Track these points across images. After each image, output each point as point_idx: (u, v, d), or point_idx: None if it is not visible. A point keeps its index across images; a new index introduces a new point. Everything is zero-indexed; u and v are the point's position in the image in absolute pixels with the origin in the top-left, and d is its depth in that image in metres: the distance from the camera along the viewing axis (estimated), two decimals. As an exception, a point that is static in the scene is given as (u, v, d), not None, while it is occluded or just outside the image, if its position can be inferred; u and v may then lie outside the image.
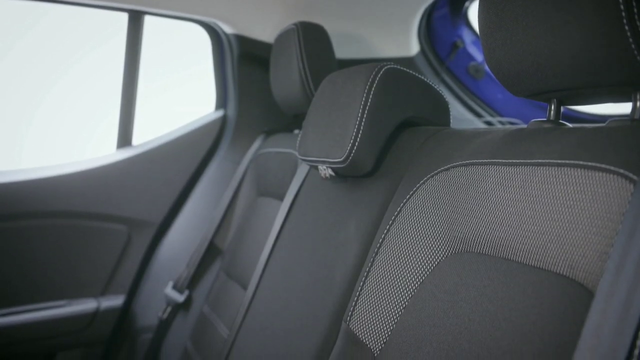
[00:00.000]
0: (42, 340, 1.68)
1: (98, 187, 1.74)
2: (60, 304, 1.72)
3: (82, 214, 1.72)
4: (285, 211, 1.27)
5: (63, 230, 1.71)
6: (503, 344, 0.62)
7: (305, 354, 0.97)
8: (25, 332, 1.64)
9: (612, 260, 0.53)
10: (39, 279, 1.70)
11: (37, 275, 1.69)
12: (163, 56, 1.99)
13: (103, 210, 1.75)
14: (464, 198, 0.77)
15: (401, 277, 0.83)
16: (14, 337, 1.63)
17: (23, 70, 1.89)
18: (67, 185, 1.69)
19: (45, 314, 1.67)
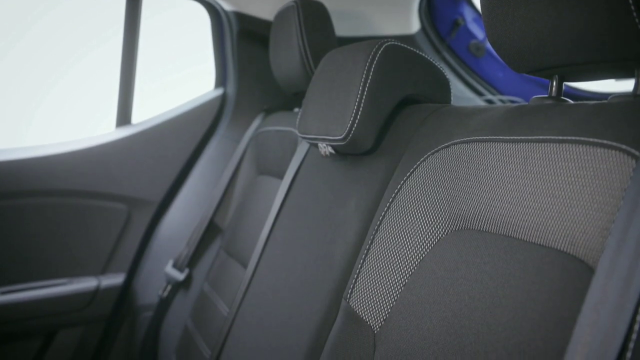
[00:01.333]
0: (43, 318, 1.68)
1: (97, 165, 1.73)
2: (61, 283, 1.72)
3: (82, 192, 1.72)
4: (285, 189, 1.26)
5: (63, 208, 1.71)
6: (503, 320, 0.62)
7: (305, 331, 0.97)
8: (26, 310, 1.65)
9: (613, 236, 0.52)
10: (39, 257, 1.70)
11: (37, 254, 1.69)
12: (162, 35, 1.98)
13: (102, 189, 1.75)
14: (465, 175, 0.77)
15: (401, 255, 0.83)
16: (14, 315, 1.63)
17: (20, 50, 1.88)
18: (67, 164, 1.69)
19: (45, 292, 1.67)
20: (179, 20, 2.05)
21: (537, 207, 0.64)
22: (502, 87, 1.95)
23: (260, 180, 1.54)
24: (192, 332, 1.45)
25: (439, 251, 0.77)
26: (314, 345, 0.94)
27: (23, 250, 1.67)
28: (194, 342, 1.40)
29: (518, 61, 0.74)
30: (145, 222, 1.86)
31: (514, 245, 0.66)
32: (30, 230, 1.67)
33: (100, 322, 1.79)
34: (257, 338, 1.11)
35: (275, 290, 1.13)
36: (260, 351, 1.07)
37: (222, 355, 1.21)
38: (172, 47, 2.09)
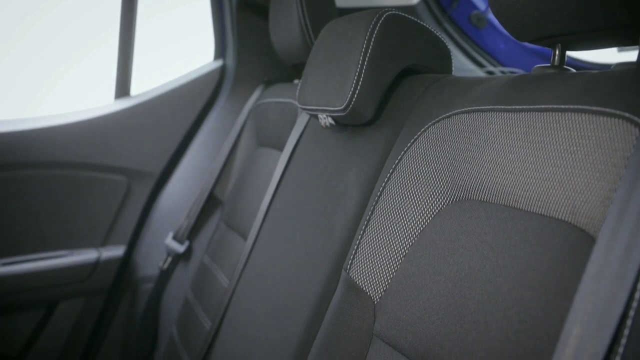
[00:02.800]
0: (43, 289, 1.69)
1: (96, 137, 1.73)
2: (62, 254, 1.73)
3: (81, 164, 1.72)
4: (285, 161, 1.26)
5: (62, 180, 1.70)
6: (503, 289, 0.62)
7: (305, 302, 0.97)
8: (27, 281, 1.65)
9: (614, 205, 0.52)
10: (39, 229, 1.70)
11: (37, 226, 1.70)
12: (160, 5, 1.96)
13: (102, 161, 1.75)
14: (466, 145, 0.77)
15: (401, 226, 0.83)
16: (16, 286, 1.64)
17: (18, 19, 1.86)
18: (66, 136, 1.68)
19: (46, 264, 1.68)
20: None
21: (538, 177, 0.64)
22: (503, 59, 1.94)
23: (260, 152, 1.54)
24: (193, 303, 1.45)
25: (440, 222, 0.77)
26: (314, 316, 0.95)
27: (23, 222, 1.68)
28: (195, 314, 1.41)
29: (520, 30, 0.73)
30: (145, 194, 1.86)
31: (514, 215, 0.66)
32: (30, 202, 1.67)
33: (101, 293, 1.80)
34: (257, 309, 1.11)
35: (275, 261, 1.13)
36: (261, 322, 1.08)
37: (223, 326, 1.22)
38: (171, 17, 2.07)
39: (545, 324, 0.56)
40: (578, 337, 0.49)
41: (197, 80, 1.89)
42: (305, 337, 0.95)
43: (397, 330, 0.77)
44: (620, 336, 0.48)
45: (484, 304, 0.64)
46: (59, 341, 1.75)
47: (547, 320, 0.56)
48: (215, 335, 1.22)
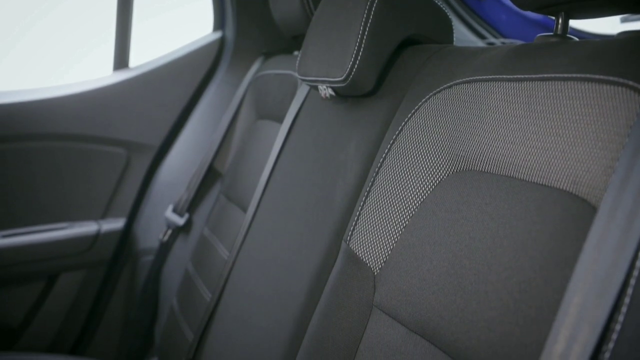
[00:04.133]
0: (44, 261, 1.69)
1: (95, 109, 1.72)
2: (62, 227, 1.73)
3: (80, 136, 1.71)
4: (284, 133, 1.25)
5: (60, 153, 1.70)
6: (504, 260, 0.62)
7: (306, 273, 0.97)
8: (27, 253, 1.66)
9: (617, 174, 0.52)
10: (39, 201, 1.70)
11: (36, 198, 1.69)
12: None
13: (101, 133, 1.74)
14: (467, 116, 0.76)
15: (402, 197, 0.83)
16: (16, 258, 1.64)
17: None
18: (64, 108, 1.68)
19: (46, 236, 1.68)
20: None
21: (540, 147, 0.64)
22: (505, 31, 1.92)
23: (259, 124, 1.53)
24: (193, 275, 1.46)
25: (440, 193, 0.77)
26: (314, 287, 0.95)
27: (23, 194, 1.68)
28: (195, 286, 1.42)
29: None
30: (144, 166, 1.85)
31: (515, 185, 0.65)
32: (29, 174, 1.67)
33: (101, 265, 1.81)
34: (258, 280, 1.11)
35: (275, 233, 1.13)
36: (261, 293, 1.08)
37: (223, 298, 1.22)
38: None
39: (546, 294, 0.56)
40: (578, 306, 0.49)
41: (196, 52, 1.88)
42: (305, 308, 0.95)
43: (397, 301, 0.77)
44: (620, 304, 0.48)
45: (484, 274, 0.64)
46: (60, 313, 1.76)
47: (547, 289, 0.56)
48: (216, 307, 1.23)
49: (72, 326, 1.80)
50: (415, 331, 0.72)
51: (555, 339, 0.50)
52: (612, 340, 0.48)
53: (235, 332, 1.12)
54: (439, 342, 0.68)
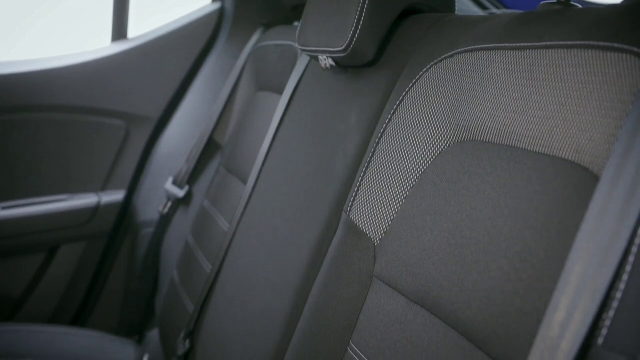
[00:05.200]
0: (44, 232, 1.70)
1: (93, 80, 1.71)
2: (61, 198, 1.73)
3: (78, 108, 1.70)
4: (284, 104, 1.24)
5: (58, 124, 1.69)
6: (504, 230, 0.62)
7: (306, 244, 0.97)
8: (27, 224, 1.66)
9: (620, 142, 0.51)
10: (39, 173, 1.70)
11: (36, 169, 1.69)
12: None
13: (99, 105, 1.73)
14: (468, 85, 0.75)
15: (402, 167, 0.82)
16: (16, 229, 1.65)
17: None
18: (62, 79, 1.67)
19: (46, 208, 1.69)
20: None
21: (542, 116, 0.63)
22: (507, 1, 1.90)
23: (259, 96, 1.52)
24: (193, 247, 1.46)
25: (441, 163, 0.76)
26: (314, 257, 0.95)
27: (22, 165, 1.67)
28: (195, 257, 1.42)
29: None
30: (144, 138, 1.85)
31: (517, 155, 0.65)
32: (27, 145, 1.66)
33: (101, 237, 1.81)
34: (258, 251, 1.11)
35: (274, 204, 1.12)
36: (261, 264, 1.08)
37: (223, 269, 1.22)
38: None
39: (547, 263, 0.56)
40: (579, 274, 0.49)
41: (195, 23, 1.86)
42: (305, 279, 0.95)
43: (397, 271, 0.77)
44: (621, 272, 0.48)
45: (485, 244, 0.64)
46: (61, 284, 1.77)
47: (548, 259, 0.56)
48: (216, 278, 1.23)
49: (73, 297, 1.81)
50: (415, 301, 0.73)
51: (555, 307, 0.50)
52: (612, 308, 0.48)
53: (235, 303, 1.12)
54: (439, 312, 0.68)
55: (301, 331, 0.90)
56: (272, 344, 0.97)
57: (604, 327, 0.48)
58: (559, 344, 0.48)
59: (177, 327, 1.33)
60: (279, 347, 0.96)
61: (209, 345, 1.17)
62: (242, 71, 1.68)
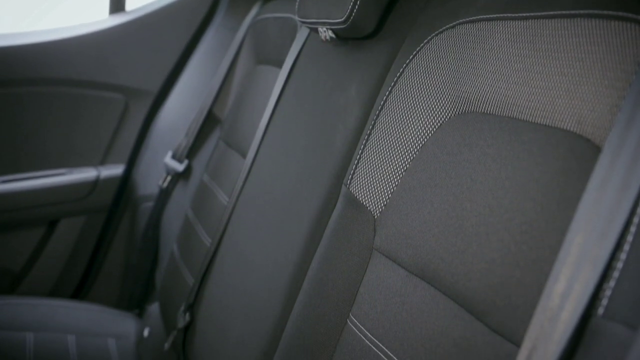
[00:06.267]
0: (44, 206, 1.70)
1: (91, 54, 1.70)
2: (61, 172, 1.73)
3: (77, 81, 1.70)
4: (284, 77, 1.24)
5: (58, 98, 1.69)
6: (505, 202, 0.62)
7: (305, 217, 0.97)
8: (27, 199, 1.66)
9: (622, 113, 0.51)
10: (37, 147, 1.70)
11: (34, 144, 1.69)
12: None
13: (98, 79, 1.72)
14: (470, 56, 0.75)
15: (402, 140, 0.82)
16: (16, 203, 1.65)
17: None
18: (60, 52, 1.66)
19: (46, 182, 1.69)
20: None
21: (544, 87, 0.62)
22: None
23: (259, 69, 1.51)
24: (193, 221, 1.46)
25: (441, 135, 0.76)
26: (314, 231, 0.95)
27: (20, 139, 1.67)
28: (195, 231, 1.42)
29: None
30: (143, 112, 1.84)
31: (518, 126, 0.64)
32: (25, 119, 1.66)
33: (101, 212, 1.81)
34: (258, 225, 1.11)
35: (274, 178, 1.12)
36: (261, 238, 1.08)
37: (222, 243, 1.22)
38: None
39: (547, 235, 0.56)
40: (580, 245, 0.49)
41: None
42: (305, 252, 0.95)
43: (397, 244, 0.77)
44: (623, 243, 0.48)
45: (485, 216, 0.63)
46: (61, 258, 1.78)
47: (549, 230, 0.56)
48: (216, 252, 1.23)
49: (73, 271, 1.82)
50: (415, 273, 0.73)
51: (556, 278, 0.50)
52: (613, 278, 0.48)
53: (235, 277, 1.13)
54: (439, 284, 0.68)
55: (301, 304, 0.91)
56: (272, 316, 0.97)
57: (604, 297, 0.48)
58: (559, 314, 0.48)
59: (177, 301, 1.34)
60: (279, 320, 0.96)
61: (209, 318, 1.18)
62: (241, 44, 1.66)
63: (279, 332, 0.95)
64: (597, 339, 0.47)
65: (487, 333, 0.59)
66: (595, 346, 0.47)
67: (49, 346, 1.38)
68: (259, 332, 0.99)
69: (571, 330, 0.47)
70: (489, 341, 0.59)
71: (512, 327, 0.56)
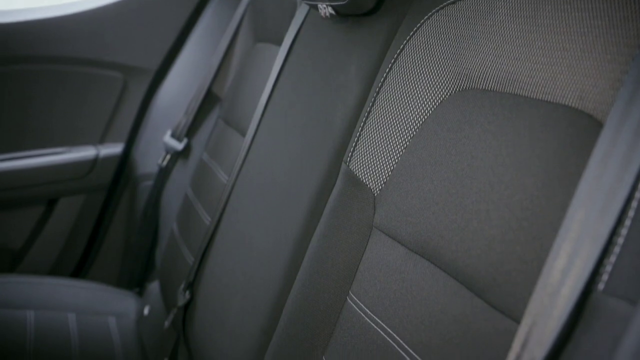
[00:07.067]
0: (43, 185, 1.70)
1: (89, 31, 1.69)
2: (59, 151, 1.72)
3: (74, 59, 1.69)
4: (283, 55, 1.23)
5: (54, 76, 1.68)
6: (506, 178, 0.61)
7: (305, 196, 0.97)
8: (26, 177, 1.66)
9: (625, 88, 0.50)
10: (35, 125, 1.69)
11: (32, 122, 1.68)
12: None
13: (96, 56, 1.71)
14: (471, 32, 0.74)
15: (403, 117, 0.81)
16: (15, 181, 1.65)
17: None
18: (57, 29, 1.64)
19: (44, 160, 1.68)
20: None
21: (546, 62, 0.62)
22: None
23: (258, 47, 1.50)
24: (192, 200, 1.46)
25: (442, 112, 0.75)
26: (314, 208, 0.95)
27: (19, 117, 1.66)
28: (194, 210, 1.42)
29: None
30: (141, 91, 1.83)
31: (520, 102, 0.64)
32: (23, 97, 1.65)
33: (101, 190, 1.81)
34: (257, 204, 1.11)
35: (274, 156, 1.12)
36: (260, 215, 1.08)
37: (222, 221, 1.22)
38: None
39: (548, 211, 0.56)
40: (581, 221, 0.49)
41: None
42: (304, 230, 0.95)
43: (397, 221, 0.76)
44: (624, 218, 0.47)
45: (486, 193, 0.63)
46: (61, 237, 1.78)
47: (550, 207, 0.56)
48: (215, 231, 1.23)
49: (73, 250, 1.82)
50: (415, 251, 0.72)
51: (556, 254, 0.50)
52: (614, 254, 0.47)
53: (235, 255, 1.13)
54: (439, 262, 0.68)
55: (300, 282, 0.91)
56: (272, 294, 0.97)
57: (605, 272, 0.48)
58: (560, 290, 0.48)
59: (177, 279, 1.34)
60: (279, 297, 0.96)
61: (209, 296, 1.18)
62: (240, 22, 1.65)
63: (279, 310, 0.95)
64: (597, 314, 0.47)
65: (487, 310, 0.59)
66: (596, 321, 0.47)
67: (49, 324, 1.38)
68: (258, 310, 0.99)
69: (571, 306, 0.47)
70: (488, 318, 0.59)
71: (512, 304, 0.56)
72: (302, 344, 0.87)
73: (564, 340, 0.48)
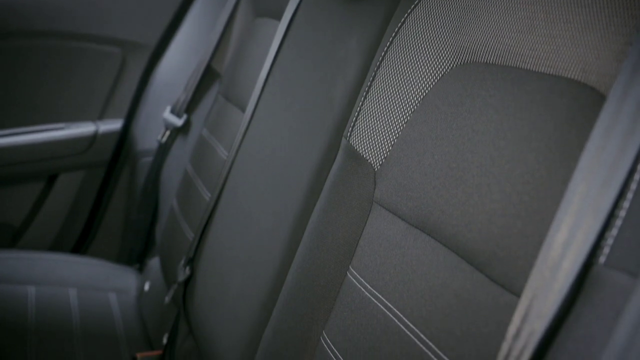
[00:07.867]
0: (43, 161, 1.70)
1: (87, 6, 1.68)
2: (59, 127, 1.72)
3: (72, 34, 1.67)
4: (283, 30, 1.22)
5: (53, 51, 1.67)
6: (507, 152, 0.61)
7: (305, 171, 0.97)
8: (25, 153, 1.66)
9: (629, 60, 0.50)
10: (34, 101, 1.69)
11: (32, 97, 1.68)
12: None
13: (94, 31, 1.70)
14: (472, 5, 0.73)
15: (403, 91, 0.81)
16: (14, 158, 1.65)
17: None
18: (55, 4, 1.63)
19: (44, 136, 1.68)
20: None
21: (548, 35, 0.61)
22: None
23: (258, 22, 1.49)
24: (192, 176, 1.45)
25: (443, 86, 0.75)
26: (314, 184, 0.95)
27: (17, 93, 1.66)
28: (194, 186, 1.42)
29: None
30: (140, 66, 1.82)
31: (522, 76, 0.63)
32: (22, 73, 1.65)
33: (101, 166, 1.81)
34: (257, 178, 1.11)
35: (273, 132, 1.11)
36: (260, 191, 1.08)
37: (222, 197, 1.22)
38: None
39: (549, 185, 0.55)
40: (582, 194, 0.48)
41: None
42: (305, 205, 0.95)
43: (398, 196, 0.76)
44: (626, 191, 0.47)
45: (487, 167, 0.63)
46: (61, 212, 1.78)
47: (551, 180, 0.55)
48: (215, 207, 1.23)
49: (73, 226, 1.82)
50: (416, 225, 0.72)
51: (557, 228, 0.49)
52: (616, 227, 0.47)
53: (234, 230, 1.13)
54: (440, 236, 0.68)
55: (301, 257, 0.91)
56: (272, 269, 0.97)
57: (606, 245, 0.47)
58: (561, 263, 0.48)
59: (177, 255, 1.34)
60: (279, 272, 0.96)
61: (209, 272, 1.18)
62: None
63: (279, 284, 0.95)
64: (598, 287, 0.47)
65: (488, 284, 0.59)
66: (597, 294, 0.47)
67: (50, 299, 1.39)
68: (258, 285, 1.00)
69: (572, 279, 0.47)
70: (489, 292, 0.59)
71: (513, 278, 0.56)
72: (302, 319, 0.87)
73: (565, 313, 0.48)
